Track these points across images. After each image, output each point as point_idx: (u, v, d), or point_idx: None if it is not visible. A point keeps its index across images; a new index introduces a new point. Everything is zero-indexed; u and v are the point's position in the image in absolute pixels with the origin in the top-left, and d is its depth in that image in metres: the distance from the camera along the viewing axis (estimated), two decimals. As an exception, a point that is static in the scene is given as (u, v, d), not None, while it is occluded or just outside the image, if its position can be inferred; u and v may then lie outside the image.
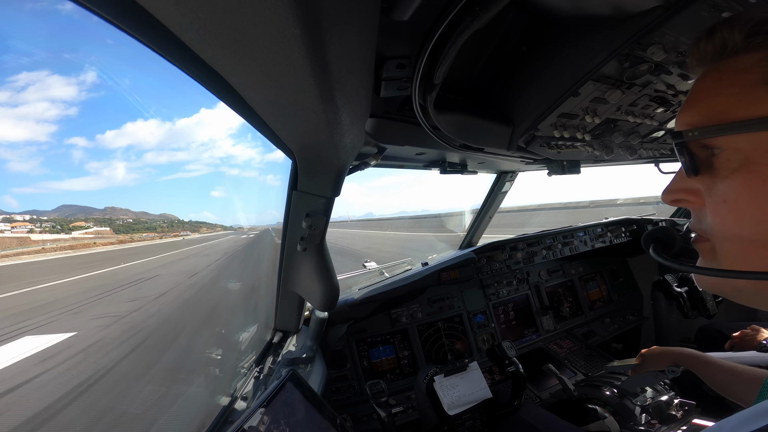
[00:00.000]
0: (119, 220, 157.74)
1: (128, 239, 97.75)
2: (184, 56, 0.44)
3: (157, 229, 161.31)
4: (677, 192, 0.42)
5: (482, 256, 1.98)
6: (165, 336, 4.94)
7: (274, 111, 0.58)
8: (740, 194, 0.35)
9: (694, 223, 0.42)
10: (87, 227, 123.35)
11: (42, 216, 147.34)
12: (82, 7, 0.36)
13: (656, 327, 2.06)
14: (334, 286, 1.18)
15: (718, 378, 0.94)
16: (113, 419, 2.64)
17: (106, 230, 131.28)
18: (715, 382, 0.95)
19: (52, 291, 10.38)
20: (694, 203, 0.41)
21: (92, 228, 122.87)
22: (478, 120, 0.88)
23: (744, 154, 0.35)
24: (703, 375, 0.98)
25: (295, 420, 0.81)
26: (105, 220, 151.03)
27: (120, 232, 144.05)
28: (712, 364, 0.97)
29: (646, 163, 1.63)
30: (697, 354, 1.02)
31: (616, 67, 0.73)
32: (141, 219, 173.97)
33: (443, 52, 0.55)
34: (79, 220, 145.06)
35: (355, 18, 0.37)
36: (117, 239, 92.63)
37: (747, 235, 0.35)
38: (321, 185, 0.94)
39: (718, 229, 0.38)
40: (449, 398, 1.24)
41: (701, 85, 0.40)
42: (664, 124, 1.07)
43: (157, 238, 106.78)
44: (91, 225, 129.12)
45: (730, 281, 0.38)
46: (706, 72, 0.39)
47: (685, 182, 0.41)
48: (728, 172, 0.36)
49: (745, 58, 0.35)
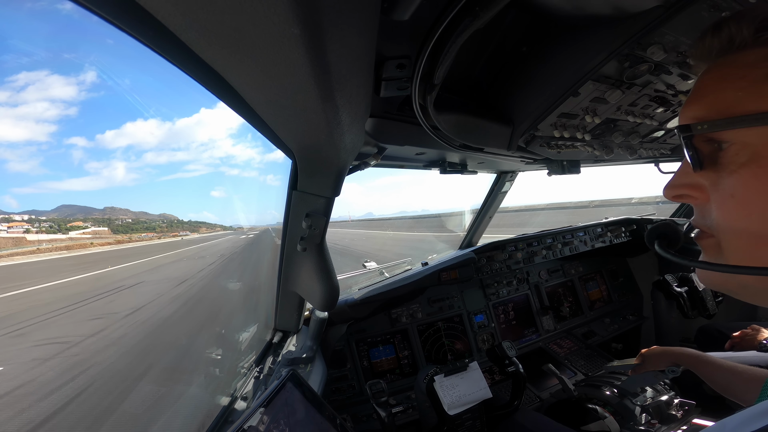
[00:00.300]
0: (118, 220, 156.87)
1: (126, 239, 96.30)
2: (184, 56, 0.44)
3: (156, 229, 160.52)
4: (680, 187, 0.42)
5: (482, 256, 1.98)
6: (116, 383, 3.26)
7: (274, 111, 0.58)
8: (749, 189, 0.35)
9: (697, 219, 0.42)
10: (85, 227, 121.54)
11: (41, 216, 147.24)
12: (82, 7, 0.36)
13: (656, 327, 2.06)
14: (334, 286, 1.18)
15: (718, 378, 0.94)
16: None
17: (105, 230, 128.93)
18: (715, 381, 0.94)
19: (15, 301, 8.84)
20: (697, 199, 0.40)
21: (90, 228, 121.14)
22: (478, 120, 0.88)
23: (753, 149, 0.34)
24: (703, 375, 0.98)
25: (295, 420, 0.81)
26: (104, 220, 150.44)
27: (119, 232, 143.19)
28: (712, 363, 0.96)
29: (646, 163, 1.63)
30: (697, 354, 1.02)
31: (616, 67, 0.73)
32: (140, 219, 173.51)
33: (443, 52, 0.55)
34: (78, 220, 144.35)
35: (355, 18, 0.37)
36: (115, 239, 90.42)
37: (755, 230, 0.35)
38: (321, 185, 0.94)
39: (724, 224, 0.37)
40: (449, 398, 1.24)
41: (707, 79, 0.39)
42: (664, 124, 1.07)
43: (156, 238, 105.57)
44: (89, 225, 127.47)
45: (736, 278, 0.38)
46: (712, 66, 0.39)
47: (688, 177, 0.41)
48: (736, 166, 0.35)
49: (753, 53, 0.35)
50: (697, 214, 0.42)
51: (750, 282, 0.37)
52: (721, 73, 0.38)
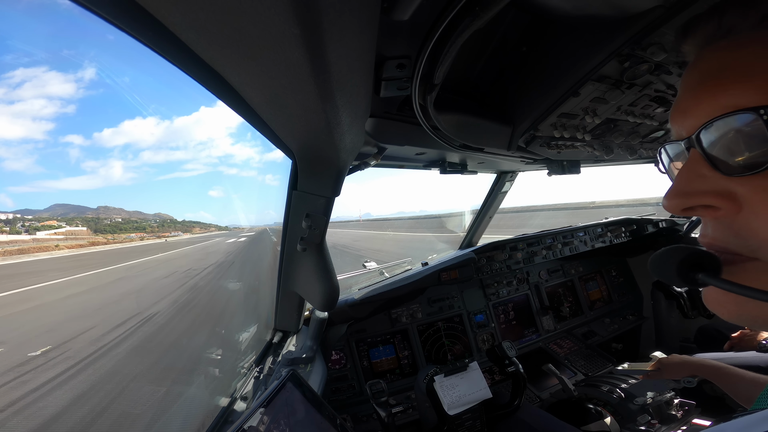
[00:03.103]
0: (107, 220, 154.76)
1: (103, 241, 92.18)
2: (183, 56, 0.44)
3: (146, 229, 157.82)
4: (698, 196, 0.32)
5: (482, 256, 1.98)
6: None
7: (274, 111, 0.58)
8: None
9: (718, 237, 0.32)
10: (58, 227, 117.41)
11: (32, 215, 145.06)
12: (82, 7, 0.36)
13: (656, 327, 2.06)
14: (334, 286, 1.18)
15: (741, 389, 0.91)
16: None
17: (83, 230, 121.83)
18: (738, 394, 0.91)
19: None
20: (723, 210, 0.31)
21: (64, 228, 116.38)
22: (478, 120, 0.88)
23: None
24: (725, 387, 0.94)
25: (295, 420, 0.81)
26: (92, 219, 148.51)
27: (106, 231, 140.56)
28: (735, 375, 0.93)
29: (646, 163, 1.63)
30: (719, 366, 0.98)
31: (616, 67, 0.73)
32: (131, 219, 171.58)
33: (443, 52, 0.55)
34: (67, 219, 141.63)
35: (355, 18, 0.37)
36: (89, 241, 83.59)
37: None
38: (321, 185, 0.94)
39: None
40: (449, 398, 1.24)
41: (748, 54, 0.30)
42: (664, 124, 1.07)
43: (137, 239, 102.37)
44: (64, 225, 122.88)
45: (764, 311, 0.30)
46: (750, 36, 0.30)
47: (708, 182, 0.31)
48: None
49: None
50: (718, 231, 0.32)
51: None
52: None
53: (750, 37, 0.30)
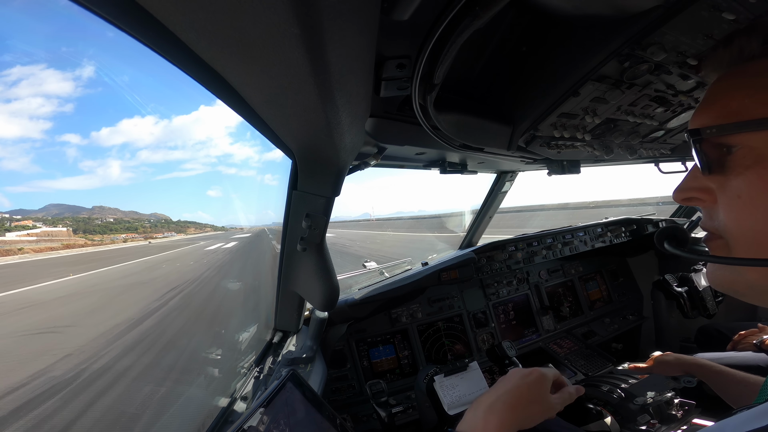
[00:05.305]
0: (98, 220, 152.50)
1: (81, 243, 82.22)
2: (183, 56, 0.44)
3: (139, 230, 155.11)
4: (690, 190, 0.44)
5: (482, 256, 1.98)
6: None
7: (274, 111, 0.58)
8: (754, 189, 0.37)
9: (705, 222, 0.43)
10: (31, 227, 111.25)
11: (26, 215, 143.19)
12: (82, 7, 0.36)
13: (656, 327, 2.06)
14: (334, 286, 1.18)
15: (732, 389, 0.92)
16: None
17: (62, 231, 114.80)
18: (727, 393, 0.93)
19: None
20: (705, 201, 0.42)
21: (40, 229, 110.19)
22: (478, 120, 0.88)
23: (758, 152, 0.36)
24: (714, 385, 0.96)
25: (295, 420, 0.81)
26: (82, 219, 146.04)
27: (96, 232, 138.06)
28: (725, 374, 0.95)
29: (646, 163, 1.63)
30: (710, 365, 1.00)
31: (616, 67, 0.73)
32: (124, 219, 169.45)
33: (443, 52, 0.55)
34: (61, 219, 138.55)
35: (355, 18, 0.37)
36: (64, 244, 75.19)
37: (761, 228, 0.37)
38: (321, 185, 0.94)
39: (732, 224, 0.39)
40: (449, 398, 1.23)
41: (717, 88, 0.42)
42: (664, 124, 1.07)
43: (121, 241, 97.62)
44: (40, 225, 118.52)
45: (743, 276, 0.39)
46: (722, 76, 0.41)
47: (697, 181, 0.43)
48: (742, 168, 0.37)
49: (762, 63, 0.38)
50: (705, 216, 0.43)
51: (757, 281, 0.38)
52: (730, 82, 0.40)
53: (731, 72, 0.41)
